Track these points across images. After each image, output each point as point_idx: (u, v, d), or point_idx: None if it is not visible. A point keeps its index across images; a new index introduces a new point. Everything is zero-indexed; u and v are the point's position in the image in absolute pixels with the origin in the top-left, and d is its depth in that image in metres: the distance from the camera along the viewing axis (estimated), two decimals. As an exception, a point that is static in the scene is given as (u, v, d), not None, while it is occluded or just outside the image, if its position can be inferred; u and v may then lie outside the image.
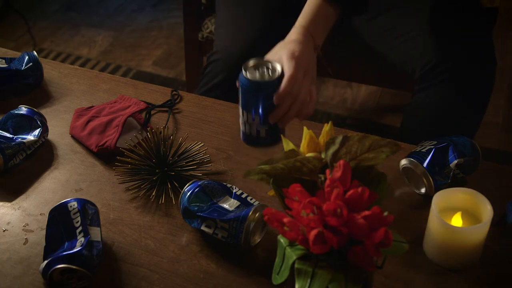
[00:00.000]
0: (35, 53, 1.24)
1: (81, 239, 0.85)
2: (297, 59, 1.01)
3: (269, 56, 1.06)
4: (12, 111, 1.09)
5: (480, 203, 0.89)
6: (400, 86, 1.71)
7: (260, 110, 0.97)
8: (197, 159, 1.05)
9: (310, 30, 1.13)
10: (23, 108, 1.10)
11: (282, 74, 0.98)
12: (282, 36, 1.35)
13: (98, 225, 0.89)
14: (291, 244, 0.74)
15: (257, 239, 0.92)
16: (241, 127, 1.02)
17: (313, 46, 1.12)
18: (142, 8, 2.83)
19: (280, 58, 1.02)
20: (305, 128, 0.95)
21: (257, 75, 0.96)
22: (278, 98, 0.95)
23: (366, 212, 0.68)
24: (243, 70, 0.96)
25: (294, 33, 1.12)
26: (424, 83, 1.25)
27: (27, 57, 1.22)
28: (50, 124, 1.11)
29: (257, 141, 1.00)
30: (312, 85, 1.05)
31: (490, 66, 1.26)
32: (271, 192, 0.98)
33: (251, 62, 0.98)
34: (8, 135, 1.06)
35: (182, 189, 0.95)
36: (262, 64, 0.98)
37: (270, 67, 0.98)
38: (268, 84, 0.96)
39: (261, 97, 0.96)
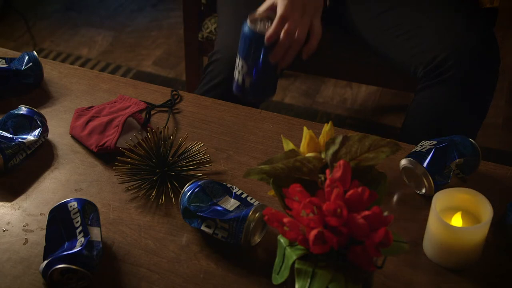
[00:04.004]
0: (35, 53, 1.24)
1: (81, 239, 0.85)
2: None
3: None
4: (12, 111, 1.09)
5: (480, 203, 0.89)
6: (400, 86, 1.71)
7: (251, 60, 0.97)
8: (197, 159, 1.05)
9: None
10: (23, 108, 1.10)
11: None
12: None
13: (98, 225, 0.89)
14: (291, 244, 0.74)
15: (257, 239, 0.92)
16: (235, 76, 1.00)
17: None
18: (142, 8, 2.83)
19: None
20: (305, 128, 0.95)
21: (259, 26, 0.96)
22: (267, 39, 0.94)
23: (366, 212, 0.68)
24: (247, 18, 0.96)
25: None
26: (427, 81, 1.25)
27: (27, 57, 1.22)
28: (50, 124, 1.11)
29: (243, 91, 1.00)
30: (315, 19, 1.03)
31: (494, 65, 1.26)
32: (271, 192, 0.98)
33: (257, 14, 0.98)
34: (8, 135, 1.06)
35: (182, 189, 0.95)
36: (267, 17, 0.98)
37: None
38: (260, 36, 0.95)
39: (254, 48, 0.96)
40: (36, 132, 1.07)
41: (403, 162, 1.00)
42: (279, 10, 0.97)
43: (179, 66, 2.43)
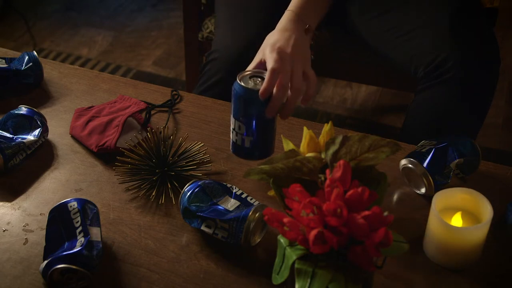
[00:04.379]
0: (35, 53, 1.24)
1: (81, 239, 0.85)
2: (279, 49, 1.00)
3: (258, 52, 1.06)
4: (12, 111, 1.09)
5: (480, 203, 0.89)
6: (400, 86, 1.71)
7: (247, 119, 0.97)
8: (197, 159, 1.05)
9: (299, 13, 1.12)
10: (23, 108, 1.10)
11: None
12: None
13: (98, 225, 0.89)
14: (291, 244, 0.74)
15: (257, 239, 0.92)
16: (231, 136, 1.01)
17: (304, 29, 1.11)
18: (142, 8, 2.83)
19: (264, 54, 1.02)
20: (305, 128, 0.95)
21: (250, 83, 0.96)
22: (261, 94, 0.94)
23: (366, 212, 0.68)
24: (237, 78, 0.96)
25: (282, 20, 1.12)
26: (428, 82, 1.25)
27: (27, 57, 1.22)
28: (50, 124, 1.11)
29: (243, 152, 0.99)
30: (307, 67, 1.04)
31: (494, 66, 1.26)
32: (271, 192, 0.98)
33: (247, 72, 0.98)
34: (8, 135, 1.06)
35: (182, 189, 0.95)
36: (257, 74, 0.98)
37: (264, 76, 0.98)
38: (253, 92, 0.95)
39: (249, 105, 0.96)
40: (36, 132, 1.07)
41: (403, 162, 1.00)
42: (270, 64, 0.98)
43: (179, 66, 2.43)
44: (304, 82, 1.02)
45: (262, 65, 1.03)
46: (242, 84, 0.94)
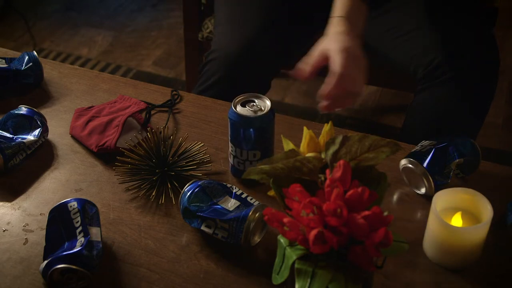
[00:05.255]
0: (35, 53, 1.24)
1: (81, 239, 0.85)
2: (348, 49, 1.01)
3: (316, 49, 1.06)
4: (12, 111, 1.09)
5: (480, 203, 0.89)
6: (400, 86, 1.71)
7: (245, 145, 0.98)
8: (197, 159, 1.05)
9: (350, 20, 1.12)
10: (23, 108, 1.10)
11: (271, 109, 0.97)
12: (279, 35, 1.34)
13: (98, 225, 0.89)
14: (291, 244, 0.74)
15: (257, 239, 0.92)
16: (229, 159, 1.02)
17: (357, 35, 1.12)
18: (142, 8, 2.84)
19: (327, 51, 1.01)
20: (305, 128, 0.95)
21: (245, 109, 0.96)
22: (327, 95, 0.94)
23: (366, 212, 0.68)
24: (232, 105, 0.96)
25: (337, 25, 1.11)
26: (427, 82, 1.25)
27: (27, 57, 1.22)
28: (50, 124, 1.11)
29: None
30: (363, 72, 1.06)
31: (493, 66, 1.27)
32: (271, 192, 0.98)
33: (241, 97, 0.98)
34: (8, 135, 1.06)
35: (182, 189, 0.95)
36: (251, 98, 0.98)
37: (260, 102, 0.98)
38: (257, 119, 0.95)
39: (249, 132, 0.96)
40: (36, 132, 1.07)
41: (403, 162, 1.00)
42: (338, 67, 0.98)
43: (179, 66, 2.43)
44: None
45: (322, 57, 1.03)
46: (238, 111, 0.95)
